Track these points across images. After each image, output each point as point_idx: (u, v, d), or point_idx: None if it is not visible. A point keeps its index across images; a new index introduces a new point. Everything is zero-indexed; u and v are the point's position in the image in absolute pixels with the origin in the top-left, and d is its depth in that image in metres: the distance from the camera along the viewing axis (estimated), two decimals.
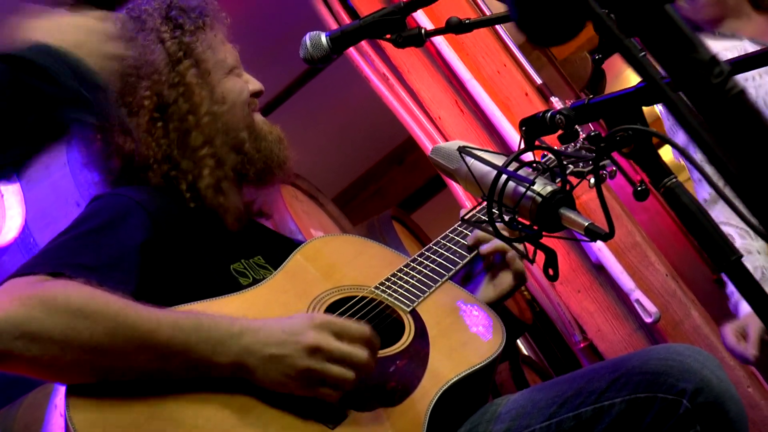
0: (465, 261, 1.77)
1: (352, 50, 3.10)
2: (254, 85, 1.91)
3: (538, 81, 2.99)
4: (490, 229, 1.34)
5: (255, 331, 1.44)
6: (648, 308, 2.71)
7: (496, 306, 1.81)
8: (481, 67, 2.97)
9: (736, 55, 2.55)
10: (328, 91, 5.02)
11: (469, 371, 1.56)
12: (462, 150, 1.41)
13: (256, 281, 1.67)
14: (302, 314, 1.52)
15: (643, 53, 0.59)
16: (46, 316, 1.37)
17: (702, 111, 0.54)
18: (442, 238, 1.83)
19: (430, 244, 1.81)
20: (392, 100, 3.12)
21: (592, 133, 1.20)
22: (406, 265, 1.77)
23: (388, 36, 1.64)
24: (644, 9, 0.51)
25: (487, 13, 3.00)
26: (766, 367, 2.63)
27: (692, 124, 0.55)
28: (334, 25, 3.21)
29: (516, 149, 2.86)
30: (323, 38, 1.63)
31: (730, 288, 2.52)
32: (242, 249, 1.77)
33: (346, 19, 3.13)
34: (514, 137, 2.90)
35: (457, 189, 3.13)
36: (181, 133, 1.77)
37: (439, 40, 2.94)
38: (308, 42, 1.63)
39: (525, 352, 4.59)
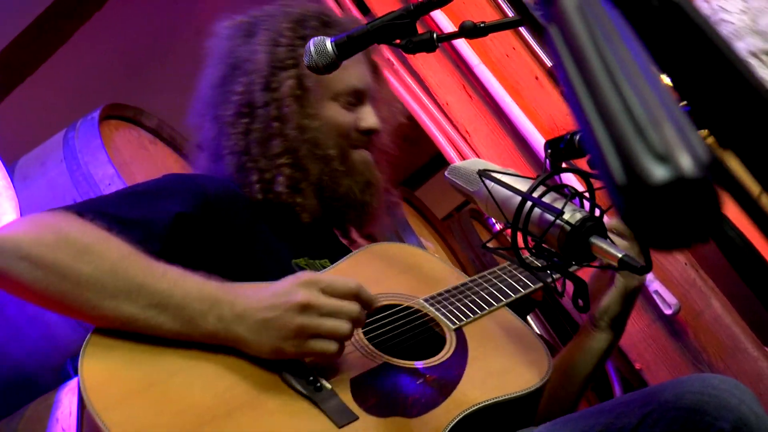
0: (528, 291, 1.70)
1: None
2: (365, 122, 1.85)
3: (549, 63, 2.88)
4: (515, 258, 1.25)
5: (247, 297, 1.42)
6: (667, 299, 2.63)
7: (631, 302, 1.69)
8: (489, 50, 2.86)
9: None
10: None
11: (499, 399, 1.49)
12: (483, 174, 1.31)
13: None
14: (291, 276, 1.47)
15: None
16: (54, 245, 1.39)
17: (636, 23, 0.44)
18: (509, 265, 1.77)
19: (495, 269, 1.76)
20: (397, 86, 3.01)
21: None
22: (464, 284, 1.72)
23: (397, 41, 1.54)
24: None
25: (509, 12, 2.87)
26: None
27: None
28: (338, 12, 3.11)
29: (527, 137, 2.80)
30: (328, 44, 1.53)
31: None
32: (311, 248, 1.76)
33: (351, 7, 3.03)
34: (524, 123, 2.81)
35: None
36: (263, 136, 1.78)
37: (446, 24, 2.82)
38: (312, 49, 1.53)
39: (536, 330, 4.53)
